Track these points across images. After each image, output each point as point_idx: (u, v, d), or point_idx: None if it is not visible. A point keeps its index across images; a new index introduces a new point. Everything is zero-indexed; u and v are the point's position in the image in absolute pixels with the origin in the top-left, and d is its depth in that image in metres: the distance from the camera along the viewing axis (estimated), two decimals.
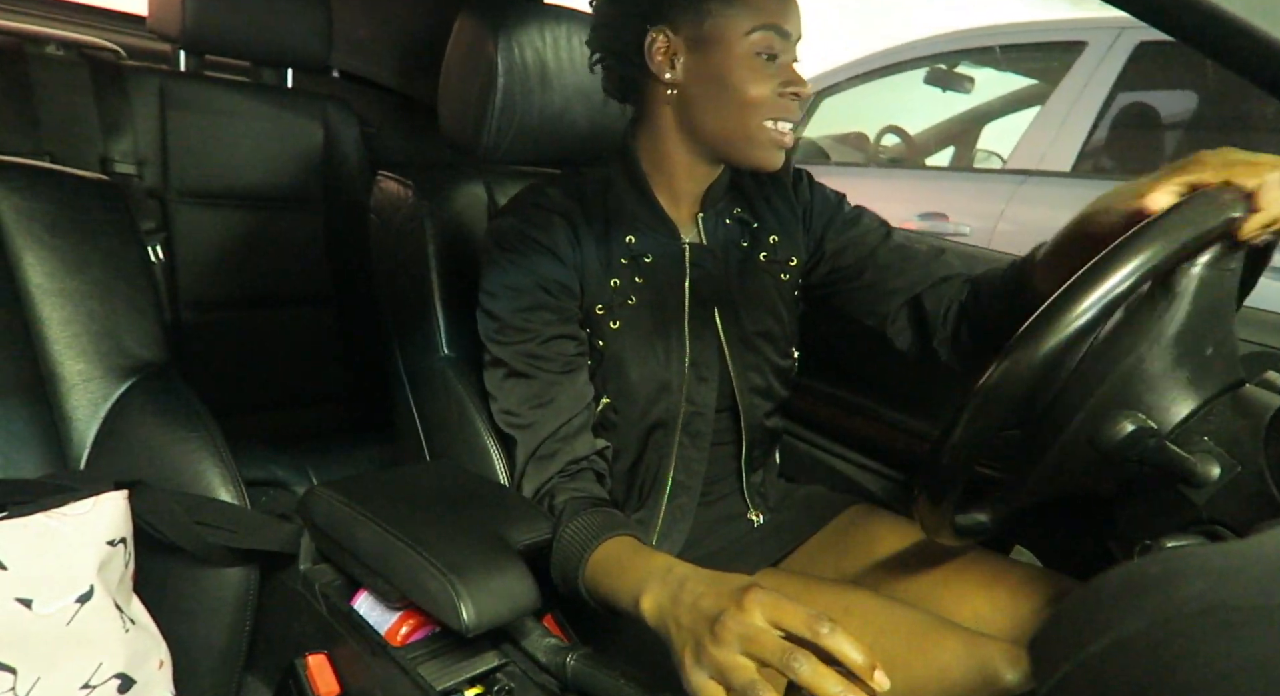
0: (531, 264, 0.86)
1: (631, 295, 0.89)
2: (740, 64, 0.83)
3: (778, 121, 0.84)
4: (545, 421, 0.85)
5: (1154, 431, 0.65)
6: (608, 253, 0.89)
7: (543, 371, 0.85)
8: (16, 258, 0.82)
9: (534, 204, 0.88)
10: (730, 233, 0.96)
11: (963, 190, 2.41)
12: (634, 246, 0.90)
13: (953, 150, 2.95)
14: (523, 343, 0.85)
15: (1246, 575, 0.33)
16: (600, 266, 0.88)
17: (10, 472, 0.79)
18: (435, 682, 0.70)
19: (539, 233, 0.86)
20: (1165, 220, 0.61)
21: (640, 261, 0.90)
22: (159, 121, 1.52)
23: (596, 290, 0.88)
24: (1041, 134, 2.26)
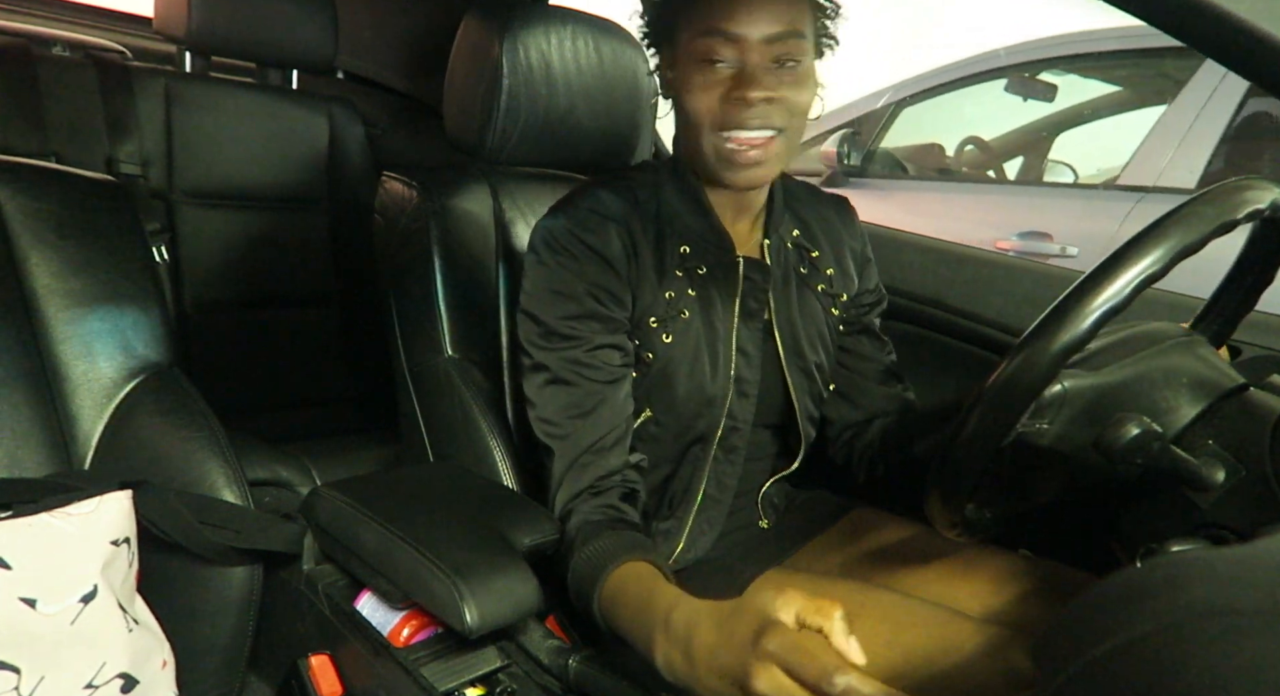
0: (584, 270, 0.82)
1: (684, 308, 0.86)
2: (685, 74, 0.80)
3: (728, 132, 0.79)
4: (584, 433, 0.82)
5: (1158, 435, 0.65)
6: (662, 262, 0.86)
7: (586, 380, 0.82)
8: (23, 258, 0.82)
9: (589, 208, 0.85)
10: (791, 258, 0.94)
11: (1067, 208, 2.21)
12: (688, 256, 0.87)
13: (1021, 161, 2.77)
14: (568, 349, 0.82)
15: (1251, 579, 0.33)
16: (655, 277, 0.85)
17: (15, 472, 0.79)
18: (438, 683, 0.71)
19: (593, 238, 0.83)
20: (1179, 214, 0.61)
21: (694, 272, 0.87)
22: (164, 122, 1.52)
23: (650, 302, 0.85)
24: (1160, 147, 2.04)
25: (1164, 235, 0.60)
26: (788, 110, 0.80)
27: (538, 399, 0.84)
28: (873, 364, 1.02)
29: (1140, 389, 0.68)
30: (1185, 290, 1.05)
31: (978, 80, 2.71)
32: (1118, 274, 0.59)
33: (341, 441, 1.47)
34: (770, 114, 0.78)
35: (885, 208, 2.52)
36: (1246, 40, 0.49)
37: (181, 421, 0.84)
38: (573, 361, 0.82)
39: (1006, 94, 2.61)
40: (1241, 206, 0.63)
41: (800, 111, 0.81)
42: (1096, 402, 0.68)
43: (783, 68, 0.79)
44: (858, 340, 1.02)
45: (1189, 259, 0.61)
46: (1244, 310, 0.79)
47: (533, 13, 1.01)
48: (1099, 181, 2.46)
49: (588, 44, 1.05)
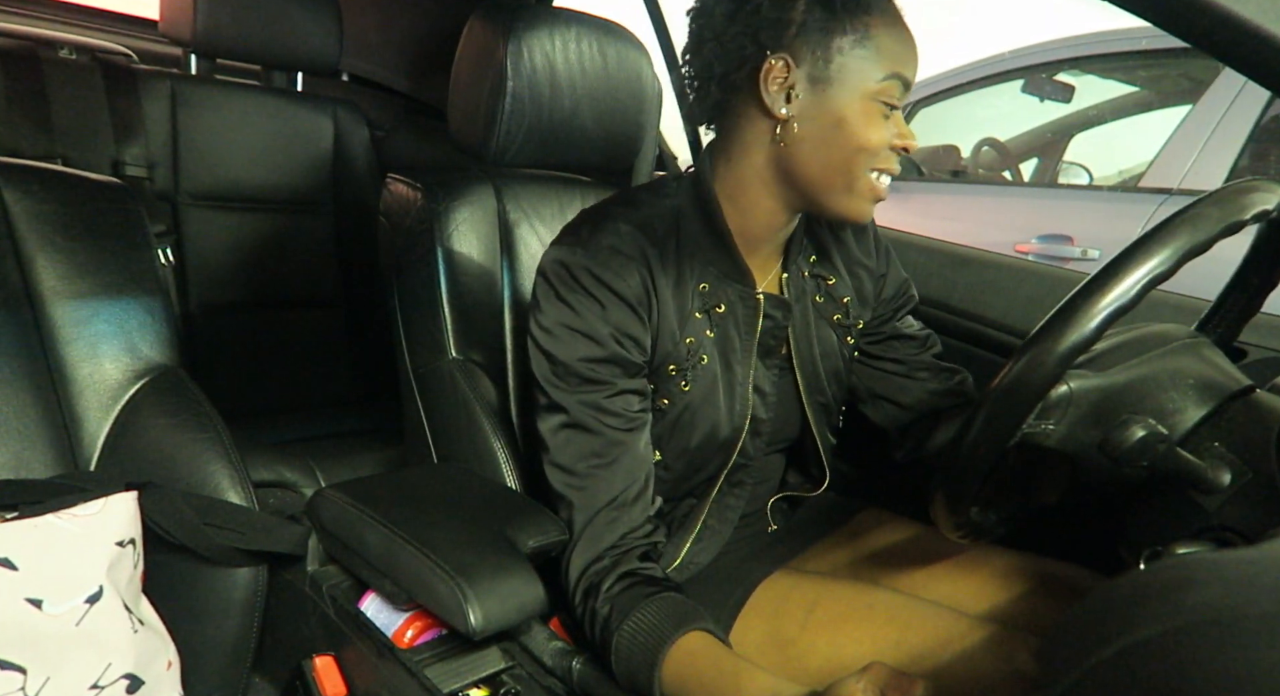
0: (605, 313, 0.78)
1: (704, 354, 0.83)
2: (864, 110, 0.76)
3: (881, 174, 0.79)
4: (605, 485, 0.78)
5: (1164, 437, 0.65)
6: (682, 304, 0.82)
7: (608, 428, 0.78)
8: (29, 259, 0.83)
9: (609, 246, 0.79)
10: (807, 287, 0.92)
11: (1088, 210, 2.18)
12: (707, 295, 0.83)
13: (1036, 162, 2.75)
14: (589, 393, 0.78)
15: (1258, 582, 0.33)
16: (676, 322, 0.82)
17: (21, 473, 0.80)
18: (442, 684, 0.71)
19: (615, 280, 0.78)
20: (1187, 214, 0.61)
21: (712, 312, 0.84)
22: (170, 125, 1.53)
23: (670, 348, 0.81)
24: (1184, 148, 2.00)
25: (1171, 235, 0.59)
26: None
27: (554, 443, 0.80)
28: (910, 365, 1.01)
29: (1146, 390, 0.68)
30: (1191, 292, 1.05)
31: (994, 81, 2.69)
32: (1125, 274, 0.58)
33: (346, 443, 1.48)
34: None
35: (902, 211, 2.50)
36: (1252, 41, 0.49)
37: (186, 423, 0.84)
38: (594, 406, 0.78)
39: (1023, 95, 2.58)
40: (1249, 207, 0.63)
41: None
42: (1102, 404, 0.68)
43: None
44: (888, 346, 1.01)
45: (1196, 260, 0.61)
46: (1250, 312, 0.79)
47: (537, 15, 1.01)
48: (1115, 183, 2.44)
49: (592, 46, 1.05)
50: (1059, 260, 2.04)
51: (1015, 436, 0.65)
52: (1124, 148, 2.55)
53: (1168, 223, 0.60)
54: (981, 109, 2.86)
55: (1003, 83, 2.67)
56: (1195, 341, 0.74)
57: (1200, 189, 1.87)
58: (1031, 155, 2.77)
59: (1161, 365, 0.70)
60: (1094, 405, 0.68)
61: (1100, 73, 2.53)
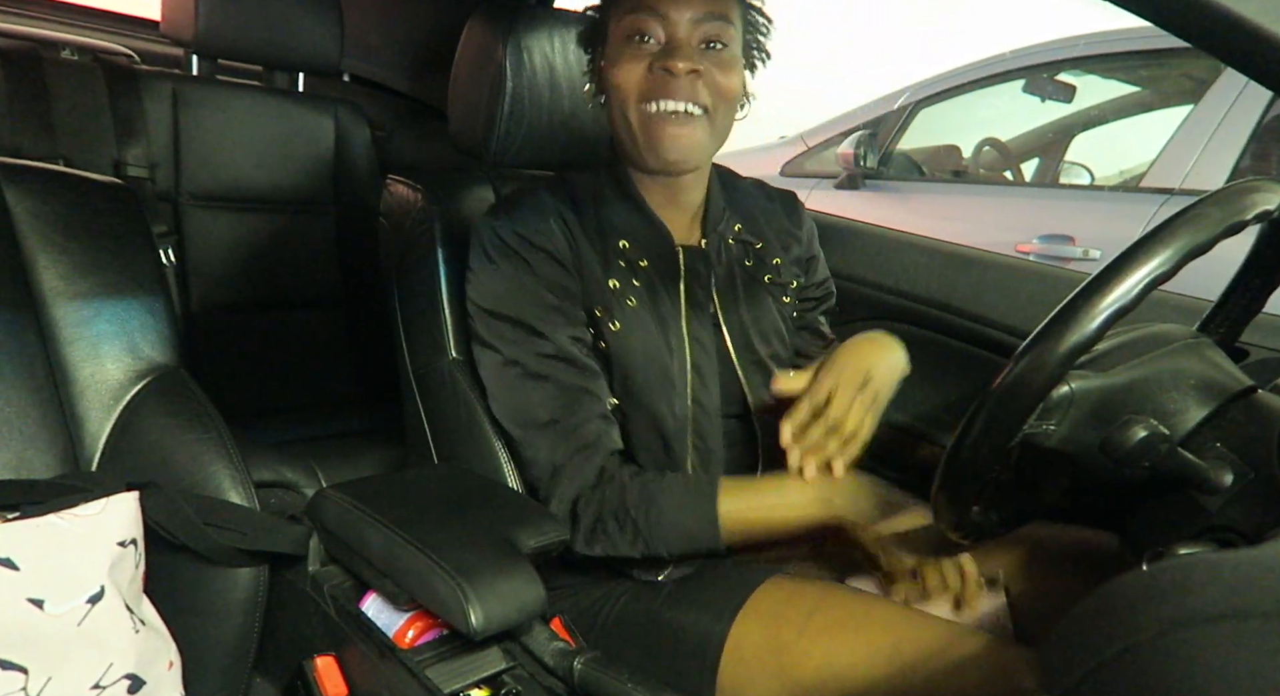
0: (534, 268, 0.85)
1: (630, 296, 0.88)
2: (615, 54, 0.83)
3: (655, 102, 0.81)
4: (574, 425, 0.84)
5: (1166, 437, 0.65)
6: (604, 255, 0.88)
7: (563, 374, 0.84)
8: (31, 260, 0.83)
9: (529, 207, 0.88)
10: (734, 253, 0.96)
11: (1089, 210, 2.18)
12: (628, 251, 0.89)
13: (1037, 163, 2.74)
14: (540, 343, 0.84)
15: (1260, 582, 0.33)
16: (599, 268, 0.88)
17: (23, 473, 0.80)
18: (443, 685, 0.71)
19: (536, 236, 0.85)
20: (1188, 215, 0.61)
21: (635, 265, 0.89)
22: (172, 125, 1.53)
23: (596, 292, 0.87)
24: (1186, 148, 2.00)
25: (1173, 236, 0.59)
26: (713, 90, 0.82)
27: (512, 396, 0.86)
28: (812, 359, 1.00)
29: (1148, 391, 0.68)
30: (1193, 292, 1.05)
31: (995, 81, 2.68)
32: (1126, 274, 0.58)
33: (347, 443, 1.48)
34: (696, 89, 0.81)
35: (903, 211, 2.50)
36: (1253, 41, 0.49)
37: (188, 423, 0.84)
38: (548, 356, 0.84)
39: (1024, 95, 2.57)
40: (1250, 207, 0.63)
41: (726, 96, 0.84)
42: (1103, 404, 0.68)
43: (709, 49, 0.83)
44: (800, 335, 1.04)
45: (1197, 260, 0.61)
46: (1252, 312, 0.79)
47: (537, 16, 1.01)
48: (1116, 183, 2.43)
49: None
50: (1060, 260, 2.04)
51: (1016, 437, 0.65)
52: (1125, 148, 2.55)
53: (1169, 223, 0.60)
54: (983, 109, 2.85)
55: (1004, 83, 2.67)
56: (1197, 342, 0.74)
57: (1201, 189, 1.89)
58: (1033, 155, 2.76)
59: (1163, 365, 0.70)
60: (1095, 405, 0.68)
61: (1102, 73, 2.53)
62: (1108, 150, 2.61)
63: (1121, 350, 0.71)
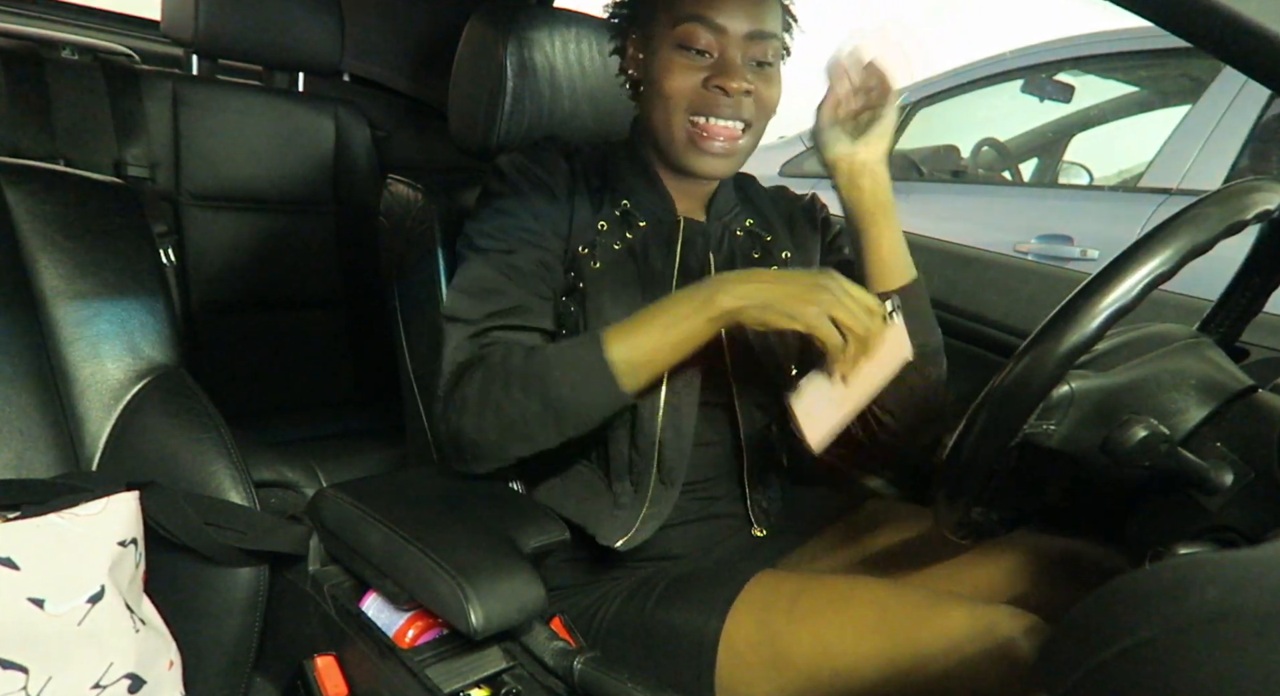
0: (527, 197, 0.87)
1: (616, 241, 0.88)
2: (663, 57, 0.84)
3: (704, 117, 0.83)
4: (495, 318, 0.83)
5: (1166, 437, 0.65)
6: (600, 204, 0.90)
7: (515, 285, 0.84)
8: (31, 260, 0.83)
9: (539, 146, 0.91)
10: (741, 243, 0.95)
11: (1088, 210, 2.18)
12: (628, 211, 0.90)
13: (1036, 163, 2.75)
14: (503, 254, 0.85)
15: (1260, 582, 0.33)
16: (591, 209, 0.89)
17: (23, 473, 0.80)
18: (443, 684, 0.71)
19: (539, 169, 0.88)
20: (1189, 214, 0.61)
21: (633, 222, 0.90)
22: (172, 125, 1.53)
23: (583, 228, 0.88)
24: (1184, 148, 2.01)
25: (1173, 235, 0.59)
26: (759, 106, 0.85)
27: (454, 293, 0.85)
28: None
29: (1148, 391, 0.68)
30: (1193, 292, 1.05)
31: (994, 81, 2.68)
32: (1126, 274, 0.58)
33: (347, 443, 1.48)
34: (744, 106, 0.84)
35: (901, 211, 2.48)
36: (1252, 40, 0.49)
37: (188, 423, 0.84)
38: (507, 265, 0.84)
39: (1023, 95, 2.57)
40: (1250, 207, 0.63)
41: (769, 110, 0.87)
42: (1104, 404, 0.68)
43: (759, 66, 0.85)
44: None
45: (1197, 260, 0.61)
46: (1252, 312, 0.79)
47: (537, 15, 1.01)
48: (1115, 183, 2.43)
49: (592, 46, 1.05)
50: (1058, 260, 2.04)
51: (1017, 436, 0.65)
52: (1124, 148, 2.55)
53: (1169, 223, 0.60)
54: (981, 109, 2.85)
55: (1003, 83, 2.67)
56: (1197, 341, 0.74)
57: (1199, 189, 1.87)
58: (1031, 155, 2.76)
59: (1163, 365, 0.70)
60: (1096, 405, 0.68)
61: (1100, 72, 2.53)
62: (1106, 150, 2.61)
63: (1121, 350, 0.71)
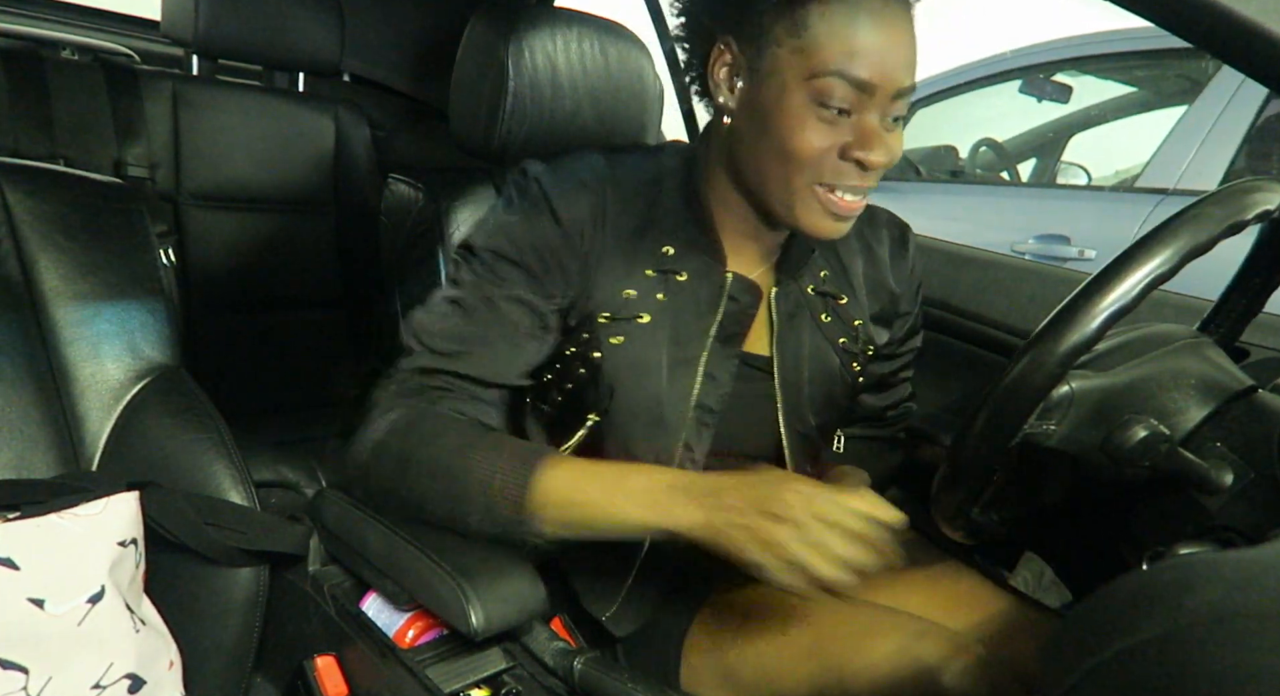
0: (535, 225, 0.75)
1: (644, 312, 0.77)
2: (794, 110, 0.68)
3: (833, 189, 0.70)
4: (457, 362, 0.74)
5: (1166, 437, 0.65)
6: (634, 255, 0.77)
7: (486, 323, 0.75)
8: (31, 260, 0.83)
9: (570, 169, 0.77)
10: (811, 304, 0.84)
11: (1085, 210, 2.17)
12: (668, 258, 0.78)
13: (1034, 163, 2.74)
14: (485, 284, 0.75)
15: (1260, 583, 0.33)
16: (621, 268, 0.77)
17: (23, 473, 0.80)
18: (443, 685, 0.71)
19: (560, 202, 0.75)
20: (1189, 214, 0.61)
21: (670, 277, 0.78)
22: (172, 125, 1.53)
23: (608, 294, 0.77)
24: (1181, 148, 2.01)
25: (1173, 235, 0.59)
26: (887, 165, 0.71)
27: (428, 310, 0.77)
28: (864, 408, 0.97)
29: (1148, 391, 0.68)
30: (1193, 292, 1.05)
31: (993, 81, 2.68)
32: (1126, 274, 0.58)
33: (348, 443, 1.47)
34: (878, 176, 0.71)
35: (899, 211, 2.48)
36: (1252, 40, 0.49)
37: (188, 423, 0.84)
38: (484, 297, 0.75)
39: (1021, 95, 2.57)
40: (1251, 207, 0.63)
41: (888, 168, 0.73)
42: (1104, 404, 0.68)
43: (893, 122, 0.70)
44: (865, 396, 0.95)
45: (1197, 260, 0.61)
46: (1252, 312, 0.79)
47: (539, 15, 1.01)
48: (1113, 183, 2.44)
49: (594, 46, 1.05)
50: (1056, 260, 2.04)
51: (1017, 437, 0.65)
52: (1122, 148, 2.55)
53: (1169, 223, 0.60)
54: (980, 109, 2.86)
55: (1001, 83, 2.67)
56: (1197, 341, 0.74)
57: (1197, 189, 1.90)
58: (1030, 155, 2.77)
59: (1163, 365, 0.70)
60: (1096, 405, 0.68)
61: (1098, 73, 2.53)
62: (1105, 150, 2.61)
63: (1121, 350, 0.71)
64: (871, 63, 0.66)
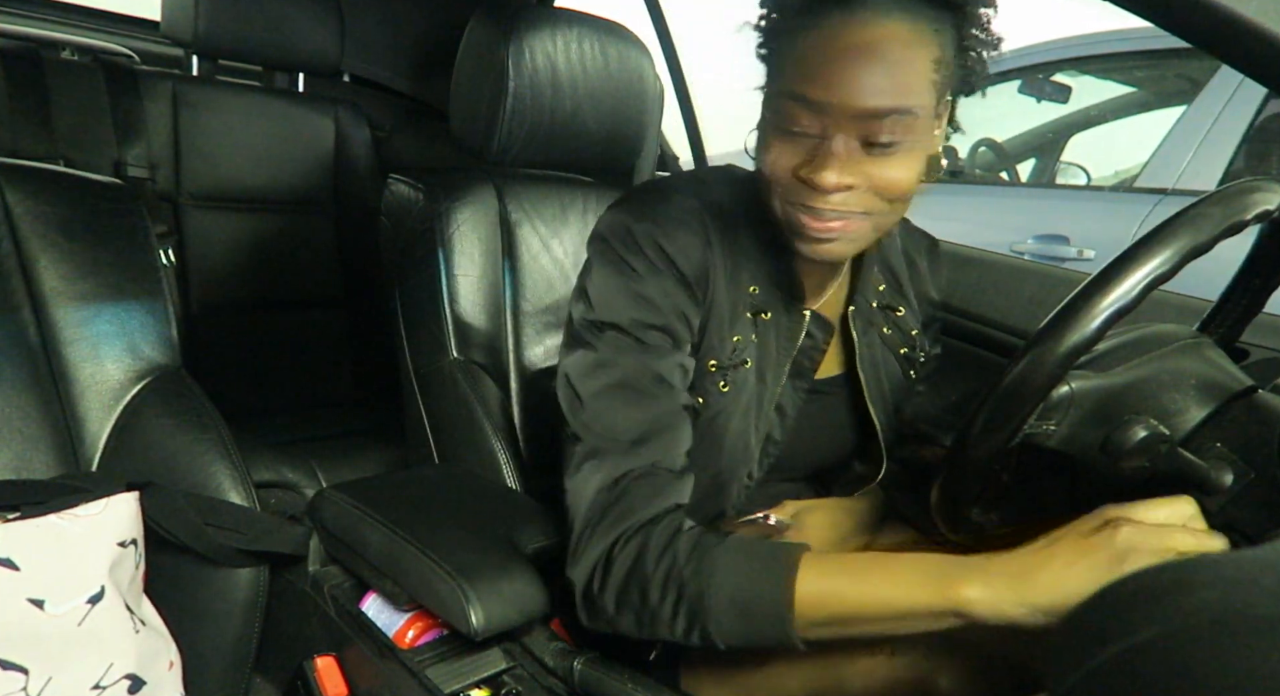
0: (663, 281, 0.72)
1: (747, 357, 0.77)
2: (764, 129, 0.68)
3: (795, 209, 0.68)
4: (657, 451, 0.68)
5: (1166, 437, 0.65)
6: (735, 300, 0.76)
7: (663, 396, 0.70)
8: (31, 261, 0.83)
9: (674, 217, 0.73)
10: (875, 318, 0.86)
11: (1084, 210, 2.17)
12: (756, 298, 0.77)
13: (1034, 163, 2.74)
14: (645, 356, 0.71)
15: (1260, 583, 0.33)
16: (727, 315, 0.75)
17: (23, 473, 0.80)
18: (443, 685, 0.71)
19: (676, 252, 0.72)
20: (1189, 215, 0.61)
21: (759, 318, 0.77)
22: (172, 125, 1.53)
23: (716, 342, 0.75)
24: (1179, 149, 2.00)
25: (1173, 236, 0.59)
26: (872, 196, 0.66)
27: (599, 402, 0.69)
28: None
29: (1148, 391, 0.68)
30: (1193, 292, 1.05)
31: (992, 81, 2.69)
32: (1126, 274, 0.58)
33: (347, 443, 1.48)
34: (848, 202, 0.66)
35: None
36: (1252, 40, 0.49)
37: (188, 423, 0.84)
38: (650, 372, 0.70)
39: (1020, 95, 2.57)
40: (1250, 207, 0.63)
41: (891, 197, 0.67)
42: (1104, 404, 0.68)
43: (877, 148, 0.65)
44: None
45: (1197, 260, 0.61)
46: (1252, 312, 0.79)
47: (539, 15, 1.01)
48: (1113, 183, 2.44)
49: (593, 46, 1.05)
50: (1055, 260, 2.05)
51: (1017, 437, 0.65)
52: (1121, 148, 2.56)
53: (1169, 223, 0.60)
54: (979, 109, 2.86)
55: (1000, 83, 2.67)
56: (1197, 342, 0.74)
57: (1196, 189, 1.90)
58: (1029, 156, 2.77)
59: (1163, 365, 0.70)
60: (1095, 405, 0.68)
61: (1097, 73, 2.54)
62: (1104, 150, 2.61)
63: (1122, 350, 0.71)
64: (824, 84, 0.62)
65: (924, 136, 0.67)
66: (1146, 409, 0.67)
